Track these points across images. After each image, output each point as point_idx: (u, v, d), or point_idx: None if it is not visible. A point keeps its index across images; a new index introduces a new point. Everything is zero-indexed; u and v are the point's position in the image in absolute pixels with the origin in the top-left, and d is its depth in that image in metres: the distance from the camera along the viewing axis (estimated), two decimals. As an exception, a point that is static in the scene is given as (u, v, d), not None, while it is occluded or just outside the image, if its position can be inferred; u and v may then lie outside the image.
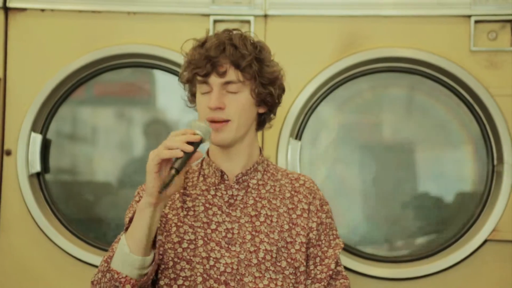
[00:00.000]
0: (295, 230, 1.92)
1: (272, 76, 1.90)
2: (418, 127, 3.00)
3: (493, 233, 2.82)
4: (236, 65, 1.85)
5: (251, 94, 1.88)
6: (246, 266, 1.86)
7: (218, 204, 1.91)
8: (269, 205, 1.93)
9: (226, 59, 1.84)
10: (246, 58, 1.85)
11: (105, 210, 3.05)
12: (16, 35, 2.94)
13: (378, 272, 2.87)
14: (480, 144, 2.92)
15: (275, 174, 1.99)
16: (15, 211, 2.90)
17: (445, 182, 3.00)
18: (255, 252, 1.87)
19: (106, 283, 1.77)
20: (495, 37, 2.87)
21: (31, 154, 2.90)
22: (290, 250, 1.90)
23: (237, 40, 1.87)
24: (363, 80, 2.95)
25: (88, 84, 3.00)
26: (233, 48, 1.84)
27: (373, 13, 2.90)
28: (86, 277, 2.81)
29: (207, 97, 1.86)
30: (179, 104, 3.05)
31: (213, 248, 1.87)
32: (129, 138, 3.12)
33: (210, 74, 1.85)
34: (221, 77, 1.84)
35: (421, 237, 2.97)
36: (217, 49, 1.84)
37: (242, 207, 1.91)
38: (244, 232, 1.89)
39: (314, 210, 1.95)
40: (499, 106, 2.83)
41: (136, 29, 2.94)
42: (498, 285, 2.83)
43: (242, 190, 1.93)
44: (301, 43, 2.91)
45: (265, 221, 1.90)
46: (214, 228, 1.89)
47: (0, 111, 2.90)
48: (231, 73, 1.85)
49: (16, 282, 2.90)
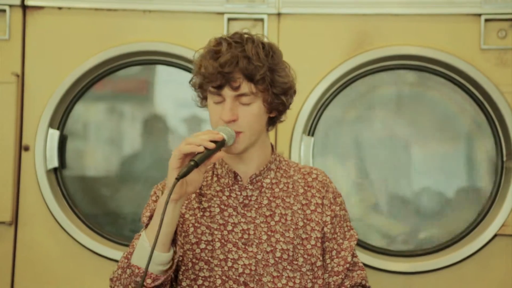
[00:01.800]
0: (309, 225, 1.94)
1: (285, 86, 1.90)
2: (428, 124, 3.05)
3: (503, 228, 2.87)
4: (249, 78, 1.84)
5: (263, 104, 1.89)
6: (264, 266, 1.89)
7: (233, 205, 1.93)
8: (283, 203, 1.95)
9: (240, 73, 1.83)
10: (259, 70, 1.84)
11: (121, 205, 3.11)
12: (34, 32, 2.98)
13: (389, 266, 2.92)
14: (490, 141, 2.97)
15: (287, 171, 2.01)
16: (33, 206, 2.95)
17: (454, 178, 3.05)
18: (272, 252, 1.90)
19: (126, 279, 1.80)
20: (504, 35, 2.92)
21: (48, 149, 2.96)
22: (306, 246, 1.92)
23: (250, 51, 1.85)
24: (374, 77, 3.00)
25: (104, 80, 3.05)
26: (246, 60, 1.83)
27: (385, 12, 2.95)
28: (102, 270, 2.92)
29: (219, 107, 1.86)
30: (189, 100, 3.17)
31: (230, 250, 1.89)
32: (144, 134, 3.17)
33: (223, 87, 1.84)
34: (234, 90, 1.84)
35: (431, 232, 3.03)
36: (231, 64, 1.82)
37: (257, 207, 1.93)
38: (260, 233, 1.91)
39: (327, 204, 1.97)
40: (509, 103, 2.89)
41: (152, 27, 2.99)
42: (507, 279, 2.88)
43: (256, 191, 1.95)
44: (313, 41, 2.96)
45: (280, 220, 1.93)
46: (231, 229, 1.91)
47: (18, 108, 2.95)
48: (244, 85, 1.84)
49: (34, 274, 2.94)
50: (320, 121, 2.97)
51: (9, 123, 2.92)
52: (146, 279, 1.77)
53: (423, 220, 3.03)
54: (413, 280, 2.92)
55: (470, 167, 3.04)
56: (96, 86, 3.04)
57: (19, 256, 2.94)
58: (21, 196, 2.95)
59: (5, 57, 2.96)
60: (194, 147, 1.73)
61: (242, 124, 1.85)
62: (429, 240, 2.99)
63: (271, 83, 1.87)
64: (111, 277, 1.89)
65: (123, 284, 1.82)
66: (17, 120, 2.94)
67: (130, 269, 1.79)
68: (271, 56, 1.88)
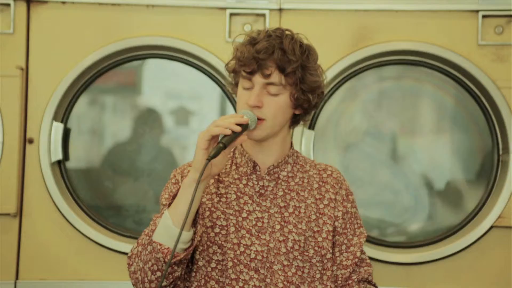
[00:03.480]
0: (322, 219, 1.99)
1: (314, 85, 1.95)
2: (426, 118, 3.11)
3: (499, 220, 2.94)
4: (281, 69, 1.90)
5: (290, 97, 1.93)
6: (275, 254, 1.93)
7: (249, 193, 1.98)
8: (298, 197, 2.00)
9: (273, 62, 1.89)
10: (292, 64, 1.90)
11: (124, 197, 3.15)
12: (38, 27, 3.01)
13: (386, 256, 2.98)
14: (486, 134, 3.03)
15: (304, 166, 2.05)
16: (38, 198, 2.98)
17: (451, 171, 3.12)
18: (284, 241, 1.94)
19: (147, 255, 1.84)
20: (501, 31, 2.98)
21: (53, 142, 2.99)
22: (317, 239, 1.97)
23: (287, 44, 1.91)
24: (374, 72, 3.06)
25: (107, 74, 3.09)
26: (282, 52, 1.89)
27: (384, 8, 3.00)
28: (105, 260, 2.97)
29: (247, 93, 1.93)
30: (191, 93, 3.22)
31: (243, 235, 1.94)
32: (147, 127, 3.21)
33: (255, 73, 1.91)
34: (265, 78, 1.90)
35: (428, 224, 3.09)
36: (266, 52, 1.89)
37: (272, 197, 1.98)
38: (274, 222, 1.96)
39: (340, 200, 2.02)
40: (506, 98, 2.95)
41: (155, 21, 3.03)
42: (504, 270, 2.95)
43: (272, 182, 1.99)
44: (314, 37, 2.90)
45: (294, 212, 1.98)
46: (245, 216, 1.96)
47: (23, 101, 2.98)
48: (275, 75, 1.90)
49: (38, 265, 2.98)
50: (321, 115, 3.02)
51: (13, 116, 2.95)
52: (168, 256, 1.81)
53: (422, 211, 3.09)
54: (411, 270, 2.98)
55: (467, 160, 3.11)
56: (99, 80, 3.08)
57: (24, 247, 2.98)
58: (25, 188, 2.99)
59: (9, 51, 2.99)
60: (223, 129, 1.80)
61: (265, 112, 1.91)
62: (428, 231, 3.06)
63: (301, 79, 1.92)
64: (129, 255, 1.91)
65: (143, 260, 1.85)
66: (21, 113, 2.97)
67: (151, 245, 1.83)
68: (306, 55, 1.95)
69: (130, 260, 1.90)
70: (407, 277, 2.96)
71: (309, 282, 1.95)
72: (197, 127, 3.23)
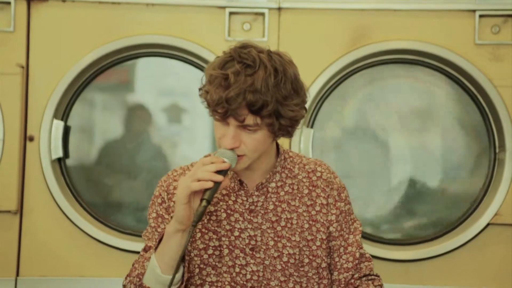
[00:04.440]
0: (315, 227, 1.95)
1: (293, 119, 1.83)
2: (423, 116, 3.14)
3: (495, 217, 2.97)
4: (255, 112, 1.77)
5: (268, 131, 1.82)
6: (271, 271, 1.91)
7: (239, 210, 1.92)
8: (289, 207, 1.93)
9: (246, 108, 1.75)
10: (267, 106, 1.75)
11: (124, 195, 3.17)
12: (38, 25, 3.02)
13: (384, 253, 3.00)
14: (483, 133, 3.07)
15: (292, 170, 1.97)
16: (38, 195, 3.00)
17: (450, 168, 3.15)
18: (279, 257, 1.91)
19: None
20: (498, 31, 3.01)
21: (53, 140, 3.01)
22: (311, 247, 1.94)
23: (259, 82, 1.75)
24: (373, 71, 3.08)
25: (107, 72, 3.10)
26: (253, 95, 1.74)
27: (382, 7, 3.03)
28: (105, 257, 2.99)
29: (223, 128, 1.82)
30: (191, 92, 3.24)
31: (238, 256, 1.90)
32: (147, 125, 3.23)
33: (228, 117, 1.78)
34: (239, 122, 1.78)
35: (426, 221, 3.12)
36: (237, 100, 1.74)
37: (263, 213, 1.92)
38: (267, 238, 1.91)
39: (332, 202, 1.97)
40: (502, 96, 2.98)
41: (155, 20, 3.05)
42: (501, 267, 2.98)
43: (262, 196, 1.93)
44: (313, 35, 3.03)
45: (286, 225, 1.93)
46: (237, 235, 1.91)
47: (23, 99, 3.00)
48: (249, 118, 1.77)
49: (39, 262, 3.00)
50: (319, 113, 3.05)
51: (14, 114, 2.97)
52: None
53: (420, 209, 3.12)
54: (408, 268, 3.01)
55: (464, 157, 3.14)
56: (99, 78, 3.10)
57: (24, 244, 3.00)
58: (26, 185, 3.00)
59: (10, 49, 3.00)
60: (204, 183, 1.73)
61: (244, 149, 1.82)
62: (426, 228, 3.09)
63: (278, 116, 1.79)
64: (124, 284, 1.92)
65: None
66: (22, 111, 2.98)
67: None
68: (283, 85, 1.79)
69: None
70: (406, 274, 2.99)
71: None
72: (197, 125, 3.25)
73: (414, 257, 2.99)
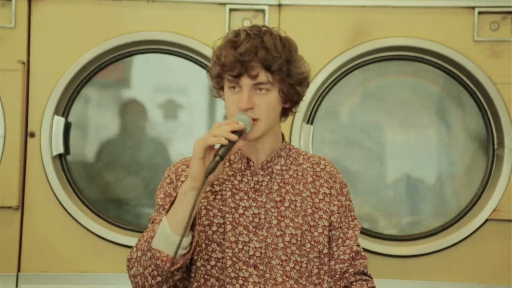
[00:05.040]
0: (317, 214, 2.00)
1: (300, 76, 1.96)
2: (423, 112, 3.16)
3: (494, 213, 3.00)
4: (267, 67, 1.89)
5: (279, 93, 1.93)
6: (273, 249, 1.95)
7: (244, 189, 1.98)
8: (293, 190, 2.01)
9: (258, 62, 1.88)
10: (277, 61, 1.89)
11: (124, 191, 3.18)
12: (39, 21, 3.03)
13: (383, 249, 3.03)
14: (482, 129, 3.09)
15: (297, 159, 2.06)
16: (39, 191, 3.01)
17: (448, 164, 3.17)
18: (281, 236, 1.96)
19: (147, 261, 1.86)
20: (497, 27, 3.03)
21: (54, 136, 3.02)
22: (313, 233, 1.99)
23: (269, 41, 1.90)
24: (372, 67, 3.10)
25: (107, 69, 3.12)
26: (265, 50, 1.88)
27: (382, 4, 3.04)
28: (106, 253, 3.01)
29: (236, 95, 1.92)
30: (189, 87, 3.26)
31: (241, 232, 1.94)
32: (147, 121, 3.25)
33: (241, 76, 1.89)
34: (252, 79, 1.89)
35: (425, 216, 3.14)
36: (250, 53, 1.87)
37: (267, 192, 1.98)
38: (270, 217, 1.97)
39: (335, 194, 2.03)
40: (501, 93, 3.00)
41: (155, 16, 3.06)
42: (498, 262, 3.01)
43: (267, 176, 1.99)
44: (313, 32, 3.05)
45: (290, 206, 1.99)
46: (242, 213, 1.96)
47: (24, 95, 3.01)
48: (262, 75, 1.89)
49: (40, 258, 3.02)
50: (319, 110, 3.07)
51: (15, 110, 2.98)
52: (167, 264, 1.83)
53: (420, 205, 3.15)
54: (407, 263, 3.03)
55: (463, 154, 3.16)
56: (100, 74, 3.11)
57: (25, 240, 3.01)
58: (27, 181, 3.02)
59: (11, 45, 3.01)
60: (219, 139, 1.80)
61: (258, 112, 1.90)
62: (425, 224, 3.11)
63: (288, 74, 1.92)
64: (128, 257, 1.93)
65: (142, 266, 1.88)
66: (23, 107, 3.00)
67: (150, 252, 1.85)
68: (288, 48, 1.94)
69: (130, 264, 1.92)
70: (404, 270, 3.01)
71: (307, 277, 1.97)
72: (196, 121, 3.27)
73: (413, 253, 3.01)
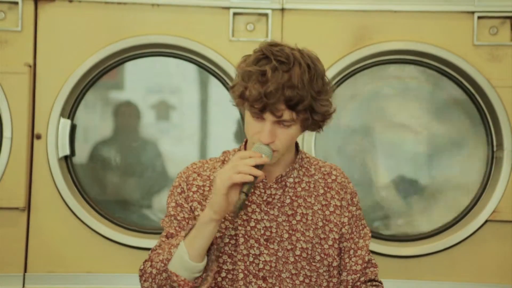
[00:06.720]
0: (328, 226, 2.00)
1: (326, 114, 1.90)
2: (423, 115, 3.21)
3: (494, 214, 3.05)
4: (292, 108, 1.82)
5: (301, 126, 1.89)
6: (283, 263, 1.96)
7: (256, 202, 1.97)
8: (305, 203, 1.99)
9: (283, 103, 1.81)
10: (303, 101, 1.81)
11: (130, 192, 3.22)
12: (45, 25, 3.07)
13: (384, 249, 3.07)
14: (481, 131, 3.14)
15: (309, 169, 2.03)
16: (45, 192, 3.05)
17: (448, 166, 3.21)
18: (292, 250, 1.96)
19: (162, 280, 1.88)
20: (496, 32, 3.08)
21: (60, 138, 3.05)
22: (324, 246, 1.99)
23: (296, 78, 1.81)
24: (373, 71, 3.15)
25: (114, 71, 3.16)
26: (291, 90, 1.80)
27: (384, 8, 3.09)
28: (112, 254, 3.04)
29: (258, 125, 1.87)
30: (196, 93, 3.29)
31: (252, 245, 1.94)
32: (152, 123, 3.29)
33: (265, 111, 1.83)
34: (276, 117, 1.83)
35: (425, 217, 3.19)
36: (276, 94, 1.79)
37: (280, 206, 1.97)
38: (282, 231, 1.95)
39: (345, 205, 2.02)
40: (500, 96, 3.05)
41: (160, 20, 3.10)
42: (498, 262, 3.06)
43: (280, 189, 1.98)
44: (316, 36, 3.08)
45: (301, 220, 1.98)
46: (253, 226, 1.95)
47: (31, 98, 3.04)
48: (286, 113, 1.83)
49: (46, 258, 3.05)
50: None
51: (22, 113, 3.01)
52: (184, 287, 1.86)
53: (419, 206, 3.19)
54: (408, 263, 3.08)
55: (463, 156, 3.20)
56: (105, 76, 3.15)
57: (32, 241, 3.04)
58: (33, 183, 3.05)
59: (17, 48, 3.04)
60: (244, 176, 1.77)
61: (279, 144, 1.87)
62: (425, 225, 3.16)
63: (312, 111, 1.86)
64: (142, 269, 1.95)
65: (157, 283, 1.90)
66: (29, 110, 3.03)
67: (166, 273, 1.87)
68: (316, 81, 1.85)
69: (144, 276, 1.93)
70: (405, 270, 3.06)
71: None
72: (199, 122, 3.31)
73: (413, 253, 3.06)
